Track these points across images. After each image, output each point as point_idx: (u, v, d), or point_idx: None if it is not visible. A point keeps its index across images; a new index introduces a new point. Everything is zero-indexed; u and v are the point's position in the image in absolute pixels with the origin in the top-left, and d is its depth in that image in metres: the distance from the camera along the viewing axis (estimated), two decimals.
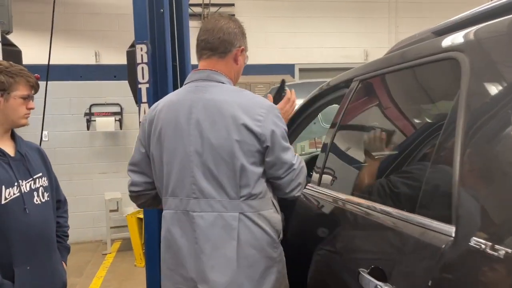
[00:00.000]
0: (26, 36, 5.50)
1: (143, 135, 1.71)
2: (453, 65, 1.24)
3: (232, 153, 1.53)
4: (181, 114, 1.59)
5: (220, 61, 1.65)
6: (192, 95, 1.61)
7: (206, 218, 1.55)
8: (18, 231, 1.76)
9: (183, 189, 1.58)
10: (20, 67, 1.86)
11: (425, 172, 1.22)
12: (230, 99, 1.57)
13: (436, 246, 1.04)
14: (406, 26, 6.52)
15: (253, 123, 1.54)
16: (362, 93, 1.83)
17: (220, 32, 1.63)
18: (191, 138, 1.55)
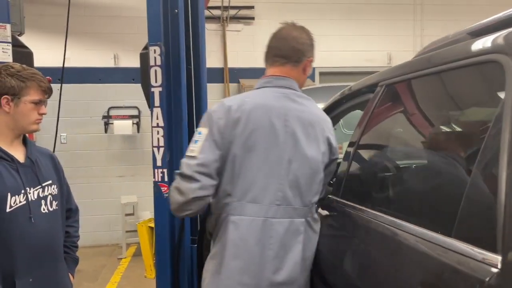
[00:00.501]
0: (45, 38, 5.54)
1: (220, 135, 1.58)
2: (496, 69, 1.10)
3: (318, 164, 1.65)
4: (275, 120, 1.60)
5: (294, 70, 1.70)
6: (284, 102, 1.65)
7: (283, 225, 1.60)
8: (22, 241, 1.68)
9: (267, 196, 1.59)
10: (33, 70, 1.78)
11: (463, 189, 1.07)
12: (317, 112, 1.72)
13: (478, 279, 0.90)
14: (432, 29, 6.31)
15: (332, 137, 1.73)
16: (389, 98, 1.69)
17: (294, 41, 1.69)
18: (286, 147, 1.60)
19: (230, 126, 1.58)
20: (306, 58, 1.72)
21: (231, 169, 1.59)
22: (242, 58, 6.24)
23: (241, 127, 1.58)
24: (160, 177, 2.27)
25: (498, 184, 0.95)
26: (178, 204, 1.59)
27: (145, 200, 5.42)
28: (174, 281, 2.31)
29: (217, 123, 1.59)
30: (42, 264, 1.74)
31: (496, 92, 1.10)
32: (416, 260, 1.17)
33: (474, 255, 0.95)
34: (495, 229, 0.91)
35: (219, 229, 1.65)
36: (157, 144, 2.25)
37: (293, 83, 1.70)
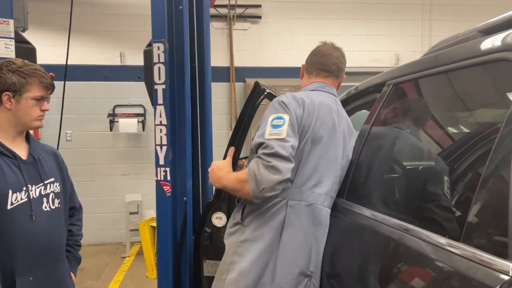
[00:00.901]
0: (50, 36, 5.54)
1: (298, 123, 1.71)
2: (507, 67, 1.06)
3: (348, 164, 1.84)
4: (336, 120, 1.81)
5: (334, 83, 1.95)
6: (338, 107, 1.88)
7: (326, 213, 1.75)
8: (23, 239, 1.65)
9: (324, 186, 1.74)
10: (34, 66, 1.75)
11: (473, 192, 1.03)
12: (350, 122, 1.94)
13: (488, 286, 0.86)
14: (440, 29, 6.23)
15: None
16: (397, 98, 1.64)
17: (336, 59, 1.94)
18: (340, 145, 1.79)
19: (305, 117, 1.72)
20: (342, 75, 1.98)
21: (298, 158, 1.70)
22: (249, 57, 6.20)
23: (313, 120, 1.73)
24: (162, 175, 2.25)
25: (510, 187, 0.91)
26: (272, 183, 1.60)
27: (150, 199, 5.40)
28: (176, 281, 2.29)
29: (295, 112, 1.71)
30: (43, 262, 1.71)
31: (506, 91, 1.05)
32: (424, 265, 1.13)
33: (484, 262, 0.90)
34: (506, 234, 0.87)
35: (267, 213, 1.72)
36: (160, 143, 2.23)
37: (336, 93, 1.95)
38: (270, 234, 1.70)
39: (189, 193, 2.28)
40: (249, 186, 1.61)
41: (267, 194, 1.61)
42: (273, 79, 5.76)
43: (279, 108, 1.71)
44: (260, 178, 1.58)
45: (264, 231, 1.71)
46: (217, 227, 2.12)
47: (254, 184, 1.59)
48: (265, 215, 1.72)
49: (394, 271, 1.27)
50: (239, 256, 1.73)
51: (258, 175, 1.59)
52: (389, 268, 1.30)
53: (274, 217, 1.71)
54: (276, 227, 1.70)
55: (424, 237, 1.14)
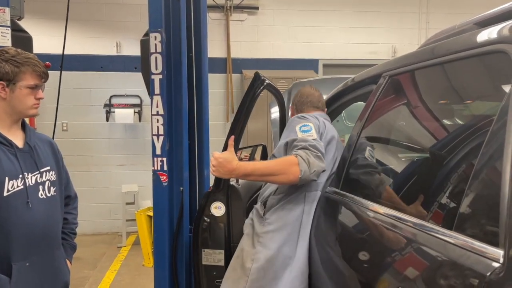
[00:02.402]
0: (47, 25, 5.50)
1: (319, 130, 2.03)
2: (502, 59, 1.07)
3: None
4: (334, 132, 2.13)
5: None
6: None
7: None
8: (19, 226, 1.66)
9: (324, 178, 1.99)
10: (27, 55, 1.75)
11: (465, 182, 1.05)
12: None
13: (479, 273, 0.88)
14: (437, 22, 6.23)
15: None
16: (393, 89, 1.65)
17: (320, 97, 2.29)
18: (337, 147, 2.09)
19: (321, 126, 2.04)
20: (325, 109, 2.32)
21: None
22: (246, 49, 6.19)
23: (325, 129, 2.06)
24: (159, 165, 2.25)
25: (502, 177, 0.92)
26: (320, 169, 1.84)
27: (146, 189, 5.41)
28: (172, 269, 2.31)
29: (314, 121, 2.01)
30: (39, 249, 1.72)
31: (502, 83, 1.07)
32: (416, 253, 1.15)
33: (475, 249, 0.92)
34: (498, 223, 0.89)
35: (288, 205, 1.94)
36: (156, 133, 2.23)
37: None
38: (291, 224, 1.90)
39: (186, 183, 2.29)
40: (301, 167, 1.79)
41: (314, 177, 1.84)
42: (270, 71, 5.75)
43: (301, 120, 2.01)
44: (313, 163, 1.81)
45: (286, 221, 1.91)
46: (215, 216, 2.14)
47: (306, 166, 1.79)
48: (285, 207, 1.94)
49: (388, 259, 1.29)
50: (263, 246, 1.90)
51: (311, 160, 1.81)
52: (384, 256, 1.32)
53: (295, 208, 1.92)
54: (296, 216, 1.91)
55: (419, 226, 1.16)
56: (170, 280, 2.30)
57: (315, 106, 2.24)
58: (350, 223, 1.65)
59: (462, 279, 0.94)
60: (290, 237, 1.90)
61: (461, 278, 0.94)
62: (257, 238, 1.93)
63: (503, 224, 0.87)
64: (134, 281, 4.27)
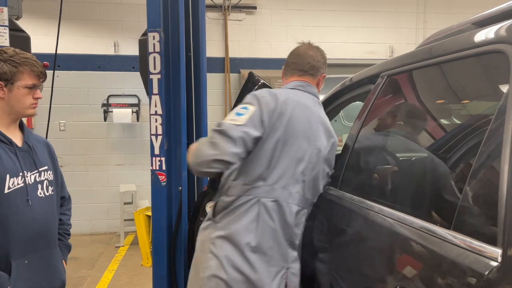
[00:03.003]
0: (43, 24, 5.48)
1: (268, 117, 1.71)
2: (500, 59, 1.08)
3: (325, 167, 1.86)
4: (313, 123, 1.80)
5: (312, 81, 1.94)
6: (317, 108, 1.88)
7: (296, 211, 1.76)
8: (19, 223, 1.67)
9: (296, 186, 1.75)
10: (25, 55, 1.76)
11: (463, 181, 1.05)
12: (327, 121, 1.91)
13: (477, 272, 0.88)
14: (435, 21, 6.25)
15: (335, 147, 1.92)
16: (391, 89, 1.66)
17: (310, 58, 1.94)
18: (314, 148, 1.79)
19: (277, 113, 1.72)
20: (319, 74, 1.96)
21: (270, 155, 1.71)
22: (244, 48, 6.19)
23: (286, 117, 1.72)
24: (157, 165, 2.26)
25: (500, 177, 0.93)
26: (205, 158, 1.62)
27: (144, 189, 5.41)
28: (171, 269, 2.31)
29: (267, 105, 1.71)
30: (38, 247, 1.74)
31: (500, 82, 1.07)
32: (415, 252, 1.15)
33: (474, 248, 0.93)
34: (496, 222, 0.89)
35: (238, 210, 1.72)
36: (155, 132, 2.23)
37: (317, 94, 1.93)
38: (242, 232, 1.68)
39: (184, 182, 2.29)
40: (189, 157, 1.66)
41: (201, 169, 1.63)
42: (267, 70, 5.75)
43: (249, 100, 1.74)
44: (199, 152, 1.62)
45: (236, 228, 1.70)
46: None
47: (193, 156, 1.64)
48: (236, 212, 1.71)
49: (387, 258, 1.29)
50: (213, 254, 1.71)
51: (197, 149, 1.63)
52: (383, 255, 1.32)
53: (246, 214, 1.70)
54: (247, 225, 1.69)
55: (417, 226, 1.16)
56: (169, 280, 2.31)
57: (300, 69, 1.90)
58: (348, 222, 1.65)
59: (460, 278, 0.94)
60: (240, 249, 1.67)
61: (459, 277, 0.94)
62: (208, 243, 1.74)
63: (501, 223, 0.88)
64: (132, 281, 4.27)
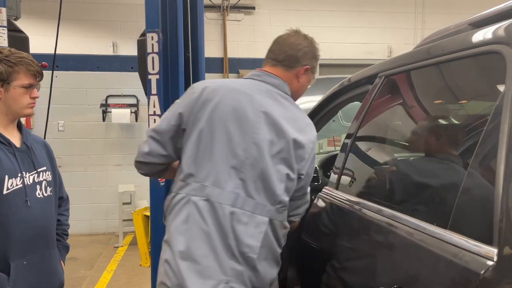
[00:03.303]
0: (42, 25, 5.48)
1: (188, 109, 1.57)
2: (496, 59, 1.08)
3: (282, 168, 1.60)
4: (250, 112, 1.55)
5: (285, 73, 1.66)
6: (264, 98, 1.59)
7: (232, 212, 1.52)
8: (18, 224, 1.67)
9: (229, 182, 1.51)
10: (21, 54, 1.75)
11: (460, 181, 1.06)
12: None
13: (473, 271, 0.89)
14: (433, 22, 6.26)
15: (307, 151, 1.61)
16: (388, 89, 1.66)
17: (288, 47, 1.67)
18: (253, 140, 1.54)
19: (201, 101, 1.55)
20: (299, 65, 1.66)
21: (195, 148, 1.54)
22: (242, 48, 6.20)
23: (211, 106, 1.54)
24: None
25: (496, 177, 0.93)
26: (135, 161, 1.67)
27: (143, 189, 5.40)
28: None
29: (190, 95, 1.59)
30: (36, 247, 1.74)
31: (496, 83, 1.08)
32: (412, 252, 1.16)
33: (470, 248, 0.94)
34: (492, 221, 0.90)
35: (173, 210, 1.55)
36: None
37: (284, 85, 1.65)
38: (174, 235, 1.51)
39: None
40: None
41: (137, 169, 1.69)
42: None
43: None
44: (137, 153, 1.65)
45: (171, 230, 1.53)
46: None
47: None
48: (173, 212, 1.55)
49: (384, 258, 1.30)
50: (161, 259, 1.57)
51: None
52: (380, 255, 1.33)
53: (179, 214, 1.52)
54: (179, 226, 1.50)
55: (414, 225, 1.17)
56: None
57: (274, 59, 1.66)
58: (345, 222, 1.66)
59: (456, 278, 0.95)
60: (173, 254, 1.49)
61: (455, 276, 0.95)
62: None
63: (497, 222, 0.89)
64: (130, 281, 4.27)
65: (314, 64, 1.71)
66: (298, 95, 1.73)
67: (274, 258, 1.58)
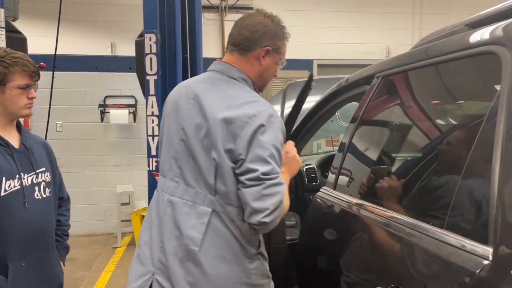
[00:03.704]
0: (40, 25, 5.48)
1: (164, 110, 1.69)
2: (492, 60, 1.09)
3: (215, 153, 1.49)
4: (182, 101, 1.54)
5: (241, 58, 1.56)
6: (201, 84, 1.56)
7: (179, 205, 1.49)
8: (16, 225, 1.67)
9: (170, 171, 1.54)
10: (16, 54, 1.74)
11: (456, 181, 1.07)
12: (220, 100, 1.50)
13: (468, 270, 0.89)
14: (430, 22, 6.28)
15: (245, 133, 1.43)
16: (386, 90, 1.67)
17: (244, 29, 1.56)
18: (181, 127, 1.52)
19: (166, 102, 1.63)
20: (258, 47, 1.54)
21: (160, 145, 1.63)
22: None
23: (168, 104, 1.61)
24: (154, 166, 2.27)
25: (491, 177, 0.94)
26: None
27: (141, 190, 5.40)
28: None
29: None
30: (35, 249, 1.73)
31: (492, 84, 1.09)
32: (407, 251, 1.17)
33: (465, 247, 0.94)
34: (487, 221, 0.91)
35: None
36: (151, 133, 2.24)
37: (230, 68, 1.55)
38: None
39: None
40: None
41: None
42: None
43: None
44: None
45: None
46: None
47: None
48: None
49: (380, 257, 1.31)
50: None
51: None
52: (376, 254, 1.34)
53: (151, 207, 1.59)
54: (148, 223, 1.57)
55: (410, 225, 1.18)
56: None
57: (232, 43, 1.58)
58: (343, 222, 1.67)
59: (452, 277, 0.95)
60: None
61: (451, 275, 0.96)
62: None
63: (492, 222, 0.89)
64: None
65: (279, 44, 1.58)
66: (265, 78, 1.62)
67: (232, 256, 1.43)
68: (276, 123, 1.41)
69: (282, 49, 1.60)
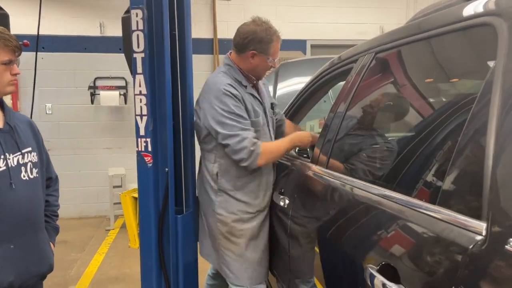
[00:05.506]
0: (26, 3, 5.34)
1: None
2: (488, 32, 1.05)
3: None
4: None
5: (238, 57, 2.17)
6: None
7: None
8: (3, 207, 1.63)
9: None
10: None
11: (450, 157, 1.04)
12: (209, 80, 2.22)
13: (462, 246, 0.87)
14: (425, 2, 6.20)
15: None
16: (378, 67, 1.63)
17: (238, 36, 2.14)
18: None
19: None
20: (247, 50, 2.11)
21: None
22: (232, 29, 5.97)
23: None
24: (143, 146, 2.22)
25: (485, 151, 0.91)
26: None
27: (133, 172, 5.29)
28: (158, 251, 2.29)
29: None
30: (23, 231, 1.70)
31: (487, 56, 1.05)
32: (400, 228, 1.14)
33: (459, 223, 0.92)
34: (481, 196, 0.88)
35: None
36: (140, 113, 2.19)
37: (226, 59, 2.21)
38: None
39: (171, 164, 2.25)
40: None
41: None
42: None
43: None
44: None
45: None
46: None
47: None
48: None
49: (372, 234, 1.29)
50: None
51: None
52: (368, 231, 1.32)
53: None
54: None
55: (402, 201, 1.15)
56: (157, 261, 2.29)
57: (233, 46, 2.20)
58: (335, 200, 1.64)
59: (445, 253, 0.93)
60: None
61: (444, 251, 0.94)
62: None
63: (486, 197, 0.87)
64: (122, 263, 4.26)
65: (264, 47, 2.09)
66: (258, 72, 2.18)
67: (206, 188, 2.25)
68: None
69: (270, 50, 2.10)
